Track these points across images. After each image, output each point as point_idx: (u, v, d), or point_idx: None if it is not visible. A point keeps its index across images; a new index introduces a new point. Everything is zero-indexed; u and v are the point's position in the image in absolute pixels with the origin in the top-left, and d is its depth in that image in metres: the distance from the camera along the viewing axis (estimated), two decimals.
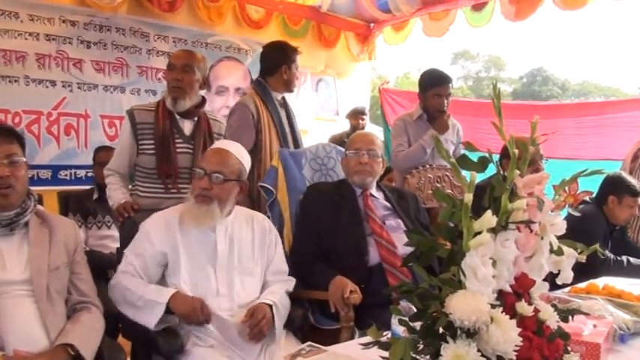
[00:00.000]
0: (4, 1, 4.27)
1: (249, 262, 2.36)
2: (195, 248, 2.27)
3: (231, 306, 2.23)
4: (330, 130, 6.22)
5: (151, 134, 2.86)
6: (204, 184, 2.24)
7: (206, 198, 2.23)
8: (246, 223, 2.43)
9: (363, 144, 2.83)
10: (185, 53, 3.03)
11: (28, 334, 1.84)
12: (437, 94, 3.84)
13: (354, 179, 2.82)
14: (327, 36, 6.41)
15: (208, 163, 2.28)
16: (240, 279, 2.30)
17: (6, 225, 1.93)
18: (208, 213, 2.23)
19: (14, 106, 4.31)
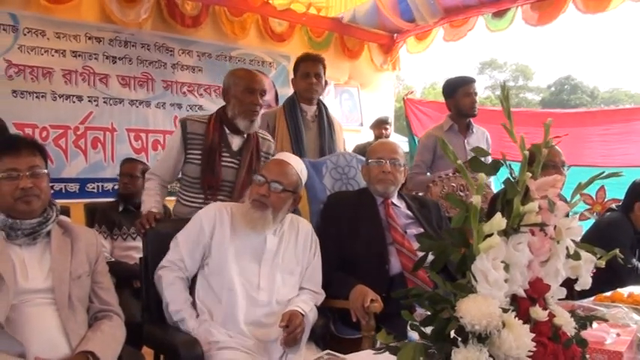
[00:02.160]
0: (31, 19, 4.41)
1: (292, 262, 2.43)
2: (244, 242, 2.35)
3: (269, 300, 2.29)
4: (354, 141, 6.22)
5: (199, 145, 2.89)
6: (263, 190, 2.34)
7: (262, 204, 2.33)
8: (291, 226, 2.50)
9: (386, 153, 2.82)
10: (259, 77, 3.03)
11: (50, 342, 1.87)
12: (466, 92, 3.91)
13: (376, 188, 2.81)
14: (351, 47, 6.44)
15: (270, 172, 2.39)
16: (282, 276, 2.37)
17: (28, 234, 1.97)
18: (262, 219, 2.33)
19: (42, 121, 4.43)
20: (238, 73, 3.04)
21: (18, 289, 1.87)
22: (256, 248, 2.36)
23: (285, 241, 2.43)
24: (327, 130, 3.55)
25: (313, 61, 3.61)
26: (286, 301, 2.33)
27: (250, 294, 2.26)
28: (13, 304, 1.84)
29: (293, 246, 2.46)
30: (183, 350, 2.08)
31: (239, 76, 2.99)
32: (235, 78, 2.98)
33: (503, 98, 1.16)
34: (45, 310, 1.91)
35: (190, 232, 2.38)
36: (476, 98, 3.95)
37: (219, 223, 2.36)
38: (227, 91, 2.99)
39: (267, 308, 2.28)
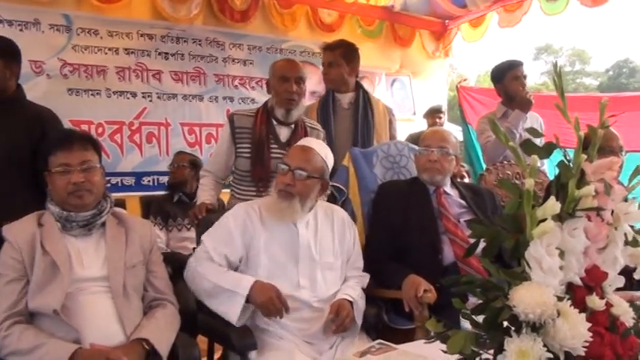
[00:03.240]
0: (83, 19, 4.54)
1: (330, 257, 2.38)
2: (277, 241, 2.30)
3: (311, 299, 2.25)
4: (407, 130, 6.15)
5: (248, 138, 2.92)
6: (288, 179, 2.27)
7: (288, 194, 2.27)
8: (325, 216, 2.45)
9: (434, 141, 2.77)
10: (296, 65, 3.04)
11: (105, 329, 1.92)
12: (514, 76, 3.84)
13: (423, 176, 2.78)
14: (402, 35, 6.35)
15: (292, 160, 2.32)
16: (322, 274, 2.32)
17: (83, 225, 2.04)
18: (289, 208, 2.26)
19: (97, 118, 4.56)
20: (276, 63, 3.06)
21: (74, 277, 1.94)
22: (290, 244, 2.30)
23: (320, 236, 2.37)
24: (363, 117, 3.45)
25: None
26: (329, 297, 2.30)
27: (291, 293, 2.21)
28: (68, 292, 1.91)
29: (330, 239, 2.40)
30: (236, 338, 2.11)
31: (276, 66, 3.01)
32: (273, 68, 3.01)
33: (555, 76, 1.11)
34: (100, 297, 1.97)
35: (216, 234, 2.31)
36: (525, 81, 3.86)
37: (248, 224, 2.29)
38: (268, 82, 3.04)
39: (309, 306, 2.25)
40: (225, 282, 2.16)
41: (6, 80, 2.67)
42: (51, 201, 2.07)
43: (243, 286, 2.14)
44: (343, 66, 3.44)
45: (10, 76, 2.68)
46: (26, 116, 2.69)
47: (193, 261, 2.28)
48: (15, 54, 2.74)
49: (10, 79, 2.69)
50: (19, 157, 2.61)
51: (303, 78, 2.96)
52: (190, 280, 2.26)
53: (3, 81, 2.65)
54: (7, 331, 1.84)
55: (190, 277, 2.26)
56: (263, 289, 2.14)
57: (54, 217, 2.03)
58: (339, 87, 3.46)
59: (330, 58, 3.46)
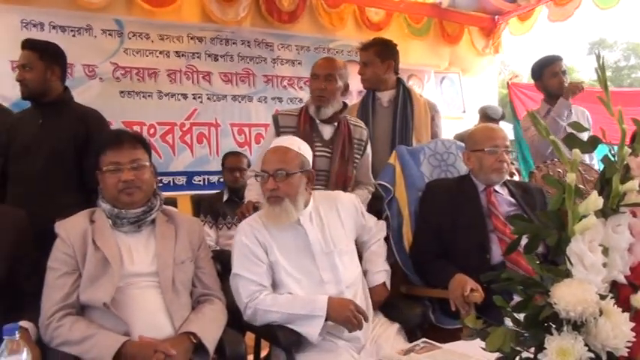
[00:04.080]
0: (135, 24, 4.67)
1: (343, 242, 2.38)
2: (289, 245, 2.29)
3: (338, 291, 2.25)
4: (456, 129, 6.07)
5: None
6: (271, 185, 2.25)
7: (277, 198, 2.25)
8: (329, 205, 2.44)
9: (501, 140, 2.71)
10: (327, 62, 3.06)
11: (154, 322, 1.98)
12: (552, 72, 3.79)
13: (490, 177, 2.71)
14: (450, 32, 6.28)
15: (269, 164, 2.29)
16: (340, 260, 2.32)
17: (134, 222, 2.11)
18: (283, 211, 2.25)
19: (149, 119, 4.68)
20: (315, 62, 3.08)
21: (124, 272, 2.00)
22: (301, 244, 2.30)
23: (327, 226, 2.37)
24: (401, 115, 3.42)
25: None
26: (353, 280, 2.32)
27: (317, 291, 2.22)
28: (119, 286, 1.97)
29: (339, 225, 2.40)
30: (282, 336, 2.13)
31: (313, 65, 3.04)
32: (311, 68, 3.04)
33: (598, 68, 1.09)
34: (150, 292, 2.03)
35: (243, 261, 2.26)
36: (564, 77, 3.78)
37: (260, 239, 2.27)
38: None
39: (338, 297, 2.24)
40: (299, 309, 2.15)
41: (47, 81, 2.75)
42: (102, 199, 2.14)
43: (319, 307, 2.14)
44: (378, 64, 3.41)
45: (51, 78, 2.76)
46: (72, 117, 2.77)
47: (248, 301, 2.20)
48: (57, 57, 2.82)
49: (52, 80, 2.77)
50: (64, 157, 2.71)
51: (334, 75, 2.96)
52: (256, 320, 2.21)
53: (44, 82, 2.74)
54: (58, 322, 1.92)
55: (253, 316, 2.21)
56: (341, 306, 2.15)
57: (105, 214, 2.11)
58: (377, 85, 3.45)
59: (365, 57, 3.46)
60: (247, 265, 2.24)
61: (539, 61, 3.90)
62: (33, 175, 2.65)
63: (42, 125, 2.73)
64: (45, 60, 2.74)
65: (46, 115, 2.74)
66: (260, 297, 2.19)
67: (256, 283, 2.22)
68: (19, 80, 2.75)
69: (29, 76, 2.72)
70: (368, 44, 3.49)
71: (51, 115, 2.73)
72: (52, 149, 2.68)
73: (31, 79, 2.72)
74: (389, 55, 3.45)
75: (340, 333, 2.20)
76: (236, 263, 2.27)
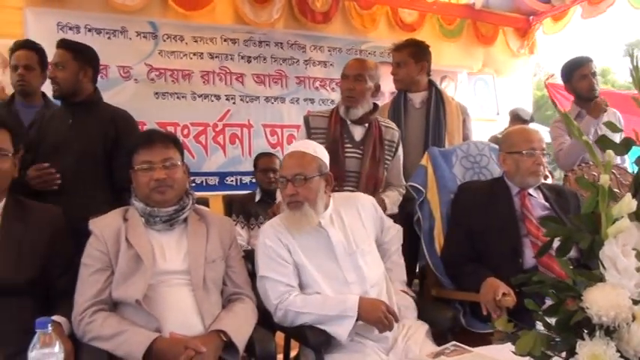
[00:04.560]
0: (169, 26, 4.74)
1: (365, 242, 2.37)
2: (312, 247, 2.29)
3: (362, 290, 2.24)
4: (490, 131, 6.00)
5: (323, 138, 2.94)
6: (290, 190, 2.24)
7: (297, 203, 2.24)
8: (349, 206, 2.43)
9: (538, 143, 2.68)
10: (357, 62, 3.08)
11: (185, 320, 2.00)
12: (581, 74, 3.71)
13: (527, 180, 2.67)
14: (484, 33, 6.21)
15: (286, 170, 2.29)
16: (364, 260, 2.31)
17: (166, 221, 2.13)
18: (304, 216, 2.24)
19: (183, 120, 4.75)
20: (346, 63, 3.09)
21: (156, 270, 2.03)
22: (324, 246, 2.29)
23: (349, 227, 2.35)
24: (434, 116, 3.40)
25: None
26: (378, 279, 2.31)
27: (342, 291, 2.22)
28: (151, 283, 2.00)
29: (359, 226, 2.39)
30: (312, 336, 2.13)
31: (344, 66, 3.05)
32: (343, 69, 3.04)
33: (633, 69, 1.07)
34: (181, 290, 2.05)
35: (269, 264, 2.26)
36: (594, 79, 3.71)
37: (284, 242, 2.27)
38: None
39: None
40: (330, 309, 2.15)
41: (80, 82, 2.79)
42: (135, 197, 2.17)
43: (350, 307, 2.13)
44: (411, 65, 3.41)
45: (83, 78, 2.80)
46: (102, 118, 2.81)
47: (278, 302, 2.20)
48: (90, 58, 2.87)
49: (84, 81, 2.81)
50: (94, 157, 2.75)
51: (364, 75, 2.96)
52: (287, 321, 2.22)
53: (76, 82, 2.78)
54: (90, 318, 1.95)
55: (283, 318, 2.21)
56: (372, 306, 2.14)
57: (138, 212, 2.14)
58: (409, 86, 3.44)
59: (398, 58, 3.45)
60: (273, 266, 2.25)
61: (569, 62, 3.83)
62: (63, 174, 2.68)
63: (72, 125, 2.77)
64: (78, 60, 2.79)
65: (77, 115, 2.78)
66: (290, 298, 2.19)
67: (284, 284, 2.22)
68: (51, 78, 2.80)
69: (62, 75, 2.76)
70: (402, 45, 3.48)
71: (81, 115, 2.78)
72: (82, 148, 2.72)
73: (63, 78, 2.76)
74: (423, 56, 3.45)
75: (368, 333, 2.19)
76: (262, 266, 2.27)
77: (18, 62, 3.08)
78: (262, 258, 2.28)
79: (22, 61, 3.07)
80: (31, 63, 3.08)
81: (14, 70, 3.10)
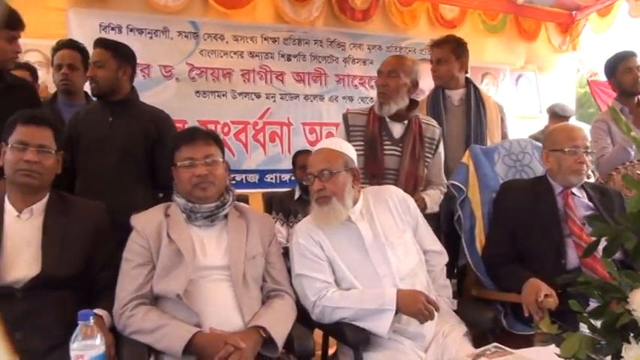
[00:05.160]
0: (210, 25, 4.80)
1: (396, 235, 2.34)
2: (343, 242, 2.29)
3: (394, 283, 2.23)
4: (532, 129, 5.89)
5: (361, 136, 2.95)
6: (317, 186, 2.27)
7: (325, 198, 2.26)
8: (379, 199, 2.42)
9: (581, 141, 2.62)
10: (393, 59, 3.05)
11: (225, 315, 2.02)
12: (626, 68, 3.61)
13: (569, 179, 2.62)
14: (527, 28, 6.11)
15: (313, 166, 2.31)
16: (395, 253, 2.29)
17: (207, 217, 2.16)
18: (332, 211, 2.26)
19: (223, 118, 4.81)
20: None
21: (197, 265, 2.05)
22: (355, 240, 2.30)
23: (378, 220, 2.34)
24: (475, 114, 3.37)
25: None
26: (410, 271, 2.29)
27: (374, 285, 2.21)
28: (191, 278, 2.02)
29: (389, 219, 2.37)
30: (351, 334, 2.13)
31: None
32: None
33: None
34: (221, 285, 2.07)
35: (304, 262, 2.28)
36: (639, 73, 3.59)
37: (316, 239, 2.28)
38: None
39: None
40: (368, 303, 2.15)
41: (119, 81, 2.82)
42: (177, 193, 2.20)
43: (388, 301, 2.13)
44: (452, 62, 3.38)
45: (123, 77, 2.84)
46: (142, 117, 2.85)
47: (316, 299, 2.22)
48: (129, 57, 2.90)
49: (123, 80, 2.85)
50: (135, 154, 2.78)
51: (397, 71, 2.93)
52: (323, 317, 2.22)
53: (116, 81, 2.81)
54: (132, 312, 1.99)
55: (321, 314, 2.22)
56: (411, 298, 2.13)
57: (179, 208, 2.17)
58: (449, 83, 3.41)
59: (439, 54, 3.42)
60: (308, 264, 2.26)
61: (613, 56, 3.74)
62: (105, 171, 2.73)
63: (112, 123, 2.80)
64: (117, 59, 2.82)
65: (116, 113, 2.81)
66: (327, 294, 2.20)
67: (320, 281, 2.23)
68: (91, 77, 2.82)
69: (101, 73, 2.79)
70: (443, 41, 3.46)
71: (120, 113, 2.81)
72: (124, 146, 2.76)
73: (102, 76, 2.79)
74: (463, 53, 3.43)
75: (405, 332, 2.18)
76: (297, 264, 2.29)
77: (62, 62, 3.15)
78: (297, 257, 2.30)
79: (66, 60, 3.14)
80: (75, 63, 3.14)
81: (58, 70, 3.17)
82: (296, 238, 2.33)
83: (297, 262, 2.29)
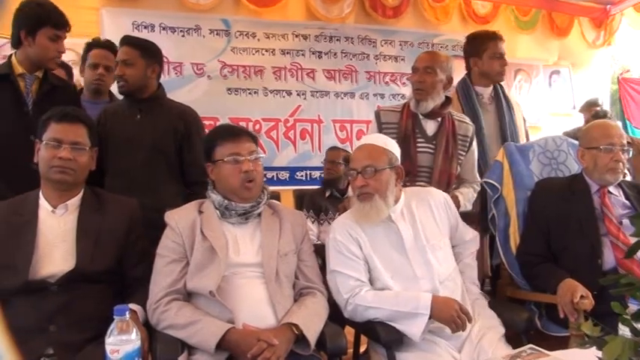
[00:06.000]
0: (241, 23, 4.84)
1: (437, 238, 2.33)
2: (382, 241, 2.28)
3: (432, 286, 2.21)
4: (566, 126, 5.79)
5: (394, 133, 2.92)
6: (360, 182, 2.25)
7: (367, 195, 2.24)
8: (421, 201, 2.40)
9: (617, 138, 2.57)
10: (428, 55, 3.04)
11: (258, 312, 2.02)
12: None
13: (605, 177, 2.57)
14: (560, 24, 5.99)
15: (356, 162, 2.29)
16: (434, 255, 2.27)
17: (242, 214, 2.16)
18: (374, 208, 2.23)
19: (254, 115, 4.84)
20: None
21: (230, 262, 2.06)
22: (394, 240, 2.28)
23: (420, 222, 2.31)
24: (507, 111, 3.35)
25: (500, 40, 3.40)
26: (447, 275, 2.27)
27: (412, 288, 2.19)
28: (224, 275, 2.04)
29: (431, 222, 2.35)
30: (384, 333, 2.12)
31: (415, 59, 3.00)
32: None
33: None
34: (254, 282, 2.07)
35: (340, 258, 2.26)
36: None
37: (354, 236, 2.27)
38: None
39: (433, 292, 2.19)
40: (402, 306, 2.13)
41: (147, 79, 2.83)
42: (213, 190, 2.21)
43: (423, 305, 2.11)
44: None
45: (150, 75, 2.84)
46: (169, 113, 2.85)
47: (349, 297, 2.21)
48: (156, 56, 2.90)
49: (151, 78, 2.85)
50: (164, 151, 2.80)
51: (434, 67, 2.90)
52: (355, 316, 2.22)
53: (144, 79, 2.81)
54: (165, 307, 2.00)
55: (353, 313, 2.21)
56: (445, 305, 2.12)
57: (214, 205, 2.17)
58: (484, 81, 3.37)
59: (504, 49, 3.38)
60: (344, 261, 2.25)
61: None
62: (135, 168, 2.74)
63: (140, 120, 2.82)
64: (146, 58, 2.82)
65: (144, 111, 2.83)
66: (360, 293, 2.19)
67: (355, 279, 2.22)
68: (119, 75, 2.83)
69: (130, 72, 2.79)
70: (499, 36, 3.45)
71: (148, 111, 2.83)
72: (153, 143, 2.77)
73: (131, 75, 2.79)
74: None
75: (440, 331, 2.16)
76: (332, 260, 2.28)
77: (100, 62, 3.19)
78: (333, 252, 2.28)
79: (103, 61, 3.18)
80: (112, 64, 3.16)
81: (93, 69, 3.20)
82: (333, 234, 2.31)
83: (333, 258, 2.28)
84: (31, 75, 2.64)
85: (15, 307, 1.96)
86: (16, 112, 2.57)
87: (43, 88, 2.66)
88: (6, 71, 2.62)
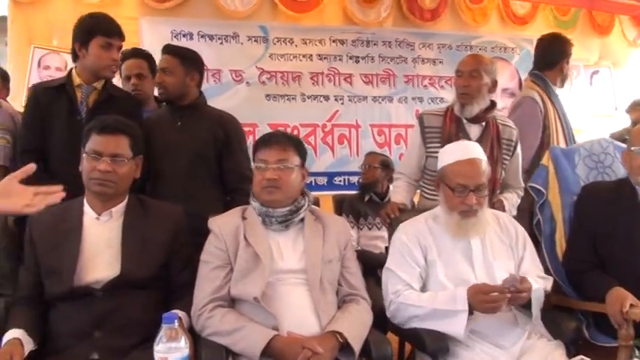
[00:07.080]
0: (279, 30, 4.87)
1: (504, 258, 2.28)
2: (450, 251, 2.25)
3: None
4: (607, 127, 5.67)
5: (438, 138, 2.90)
6: (472, 201, 2.20)
7: (474, 211, 2.22)
8: (492, 221, 2.35)
9: None
10: (472, 59, 2.99)
11: (302, 319, 2.01)
12: None
13: (638, 180, 2.49)
14: (600, 23, 5.89)
15: (469, 179, 2.22)
16: (501, 275, 2.18)
17: (281, 221, 2.15)
18: (477, 225, 2.23)
19: (292, 121, 4.86)
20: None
21: (274, 268, 2.06)
22: (462, 252, 2.25)
23: (489, 238, 2.28)
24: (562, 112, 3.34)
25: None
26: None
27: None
28: (269, 281, 2.03)
29: (498, 242, 2.30)
30: (430, 341, 2.08)
31: (458, 63, 2.98)
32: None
33: None
34: (298, 289, 2.07)
35: (398, 258, 2.28)
36: None
37: (421, 238, 2.27)
38: None
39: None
40: (441, 304, 2.11)
41: (187, 86, 2.85)
42: (253, 197, 2.21)
43: (460, 301, 2.08)
44: None
45: (190, 83, 2.86)
46: (210, 120, 2.87)
47: (394, 296, 2.21)
48: (196, 63, 2.92)
49: (191, 86, 2.87)
50: (205, 158, 2.81)
51: (479, 70, 2.86)
52: (397, 314, 2.22)
53: (184, 87, 2.83)
54: (210, 313, 2.00)
55: (395, 311, 2.22)
56: (477, 292, 2.07)
57: (256, 211, 2.17)
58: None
59: None
60: (402, 262, 2.25)
61: None
62: (177, 174, 2.77)
63: (181, 127, 2.84)
64: (185, 66, 2.84)
65: (184, 118, 2.85)
66: (405, 292, 2.19)
67: (405, 283, 2.21)
68: (159, 83, 2.87)
69: (169, 79, 2.82)
70: None
71: (188, 118, 2.85)
72: (194, 150, 2.79)
73: (170, 82, 2.82)
74: None
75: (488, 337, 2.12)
76: (391, 259, 2.29)
77: (130, 72, 3.22)
78: (394, 253, 2.30)
79: (133, 70, 3.21)
80: (143, 71, 3.21)
81: (127, 81, 3.24)
82: (400, 235, 2.31)
83: (392, 257, 2.30)
84: (88, 85, 2.69)
85: (61, 312, 2.00)
86: (69, 121, 2.62)
87: (100, 97, 2.70)
88: (63, 82, 2.69)
